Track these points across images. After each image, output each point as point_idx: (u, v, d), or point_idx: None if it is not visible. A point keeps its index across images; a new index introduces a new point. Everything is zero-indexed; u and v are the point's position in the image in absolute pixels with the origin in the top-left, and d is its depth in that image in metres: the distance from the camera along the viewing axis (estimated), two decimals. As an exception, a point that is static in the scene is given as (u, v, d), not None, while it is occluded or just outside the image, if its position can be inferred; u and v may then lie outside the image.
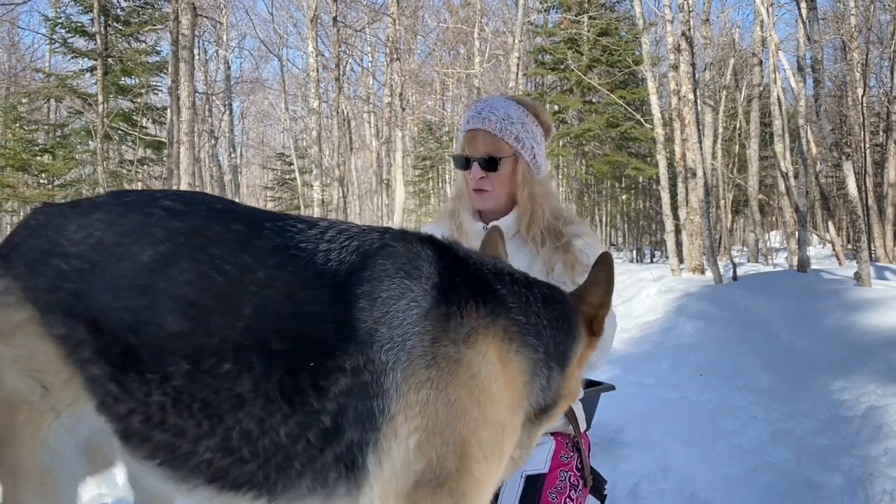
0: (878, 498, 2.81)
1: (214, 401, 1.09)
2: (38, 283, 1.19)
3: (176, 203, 1.21)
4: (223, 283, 1.12)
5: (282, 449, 1.08)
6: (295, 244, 1.16)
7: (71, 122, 18.03)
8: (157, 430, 1.13)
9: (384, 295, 1.11)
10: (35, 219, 1.28)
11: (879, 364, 4.39)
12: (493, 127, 1.81)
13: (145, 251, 1.16)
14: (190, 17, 11.63)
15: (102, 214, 1.23)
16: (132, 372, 1.13)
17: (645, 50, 13.45)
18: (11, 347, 1.18)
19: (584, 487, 1.83)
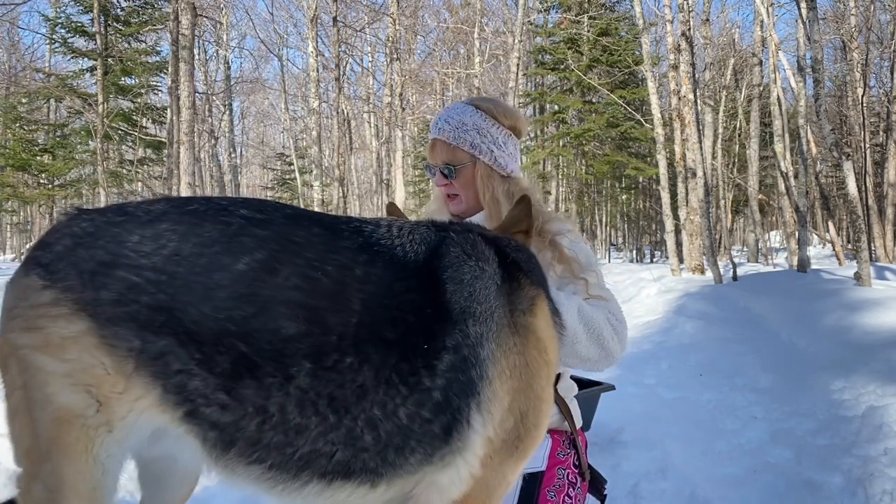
0: (877, 498, 2.81)
1: (340, 394, 1.14)
2: (99, 295, 1.15)
3: (252, 211, 1.22)
4: (329, 283, 1.17)
5: (401, 430, 1.17)
6: (375, 242, 1.25)
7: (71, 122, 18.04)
8: (272, 432, 1.14)
9: (466, 277, 1.25)
10: (78, 226, 1.22)
11: (879, 364, 4.39)
12: (447, 136, 1.88)
13: (240, 260, 1.16)
14: (190, 17, 11.63)
15: (171, 224, 1.19)
16: (247, 379, 1.12)
17: (645, 50, 13.45)
18: (64, 362, 1.15)
19: (582, 485, 1.83)
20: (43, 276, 1.19)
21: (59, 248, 1.21)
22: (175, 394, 1.15)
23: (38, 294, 1.18)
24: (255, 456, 1.15)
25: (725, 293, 8.33)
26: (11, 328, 1.19)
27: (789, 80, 14.80)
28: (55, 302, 1.17)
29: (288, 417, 1.13)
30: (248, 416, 1.14)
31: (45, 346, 1.16)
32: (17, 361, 1.18)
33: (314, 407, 1.13)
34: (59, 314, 1.16)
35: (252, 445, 1.15)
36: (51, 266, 1.20)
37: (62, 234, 1.23)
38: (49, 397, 1.16)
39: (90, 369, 1.15)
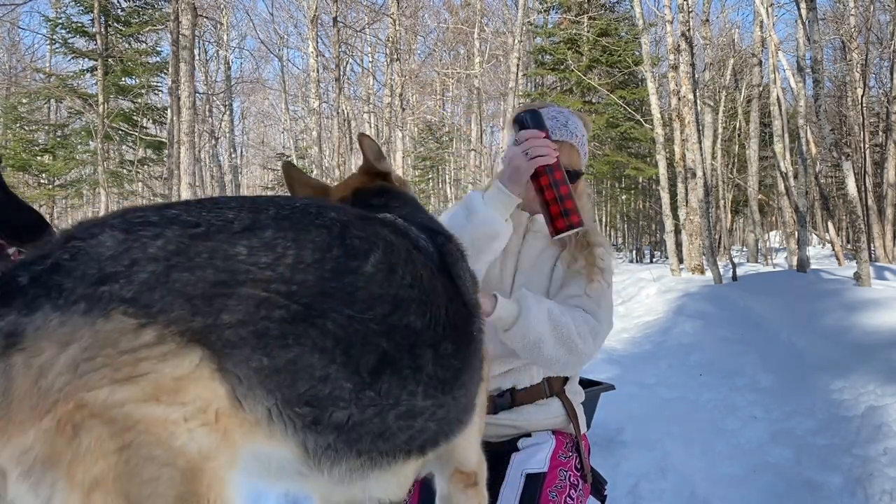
0: (877, 498, 2.82)
1: (448, 377, 1.27)
2: (217, 319, 1.02)
3: (340, 214, 1.23)
4: (426, 277, 1.28)
5: (468, 404, 1.34)
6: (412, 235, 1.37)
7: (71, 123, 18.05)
8: (400, 420, 1.21)
9: (462, 274, 1.40)
10: (150, 245, 1.04)
11: (879, 364, 4.40)
12: (577, 142, 1.94)
13: (366, 262, 1.17)
14: (190, 18, 11.64)
15: (276, 231, 1.11)
16: (384, 373, 1.16)
17: (645, 50, 13.47)
18: (185, 406, 1.00)
19: (583, 487, 1.84)
20: (134, 314, 0.99)
21: (144, 275, 1.01)
22: (303, 404, 1.08)
23: (132, 336, 0.99)
24: (369, 447, 1.18)
25: (725, 293, 8.34)
26: (92, 384, 0.97)
27: (789, 80, 14.81)
28: (160, 340, 0.99)
29: (412, 403, 1.21)
30: (384, 408, 1.18)
31: (158, 394, 0.99)
32: (107, 423, 0.97)
33: (434, 391, 1.24)
34: (166, 352, 0.99)
35: (375, 437, 1.18)
36: (141, 298, 1.00)
37: (132, 259, 1.02)
38: (178, 450, 0.99)
39: (210, 406, 1.02)
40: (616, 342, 6.63)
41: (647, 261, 22.50)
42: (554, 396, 1.91)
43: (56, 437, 0.95)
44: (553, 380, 1.92)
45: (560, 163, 1.68)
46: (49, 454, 0.95)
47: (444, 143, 28.60)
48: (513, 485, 1.76)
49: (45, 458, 0.95)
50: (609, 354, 5.93)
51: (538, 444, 1.85)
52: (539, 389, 1.89)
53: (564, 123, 1.95)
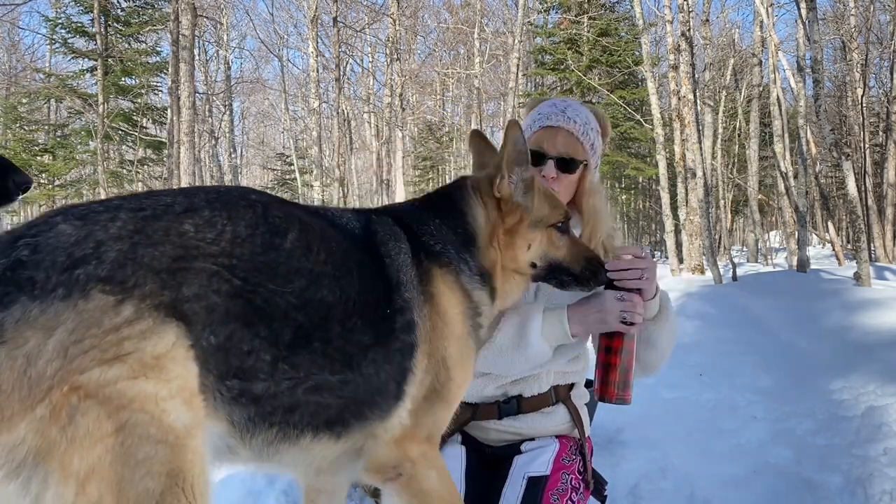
0: (877, 498, 2.82)
1: (356, 352, 1.26)
2: (181, 293, 1.06)
3: (260, 196, 1.30)
4: (339, 256, 1.30)
5: (379, 385, 1.30)
6: (336, 220, 1.40)
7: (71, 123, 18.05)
8: (308, 394, 1.21)
9: (392, 252, 1.40)
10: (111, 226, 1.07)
11: (879, 364, 4.40)
12: (577, 129, 1.83)
13: (286, 239, 1.22)
14: (190, 18, 11.64)
15: (212, 211, 1.17)
16: (303, 346, 1.19)
17: (645, 50, 13.46)
18: (169, 383, 1.02)
19: (585, 491, 1.83)
20: (111, 290, 1.01)
21: (113, 253, 1.04)
22: (232, 377, 1.12)
23: (111, 313, 1.00)
24: (281, 419, 1.19)
25: (725, 293, 8.34)
26: (84, 365, 0.97)
27: (789, 80, 14.81)
28: (138, 315, 1.02)
29: (322, 377, 1.22)
30: (300, 381, 1.19)
31: (144, 371, 1.01)
32: (103, 403, 0.98)
33: (340, 366, 1.24)
34: (146, 328, 1.02)
35: (286, 411, 1.19)
36: (116, 275, 1.03)
37: (97, 241, 1.05)
38: (169, 426, 1.01)
39: (188, 381, 1.05)
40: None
41: (647, 261, 22.44)
42: (559, 403, 1.89)
43: (50, 425, 0.94)
44: (560, 387, 1.89)
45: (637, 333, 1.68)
46: (41, 446, 0.94)
47: (444, 143, 28.59)
48: (514, 487, 1.75)
49: (37, 451, 0.93)
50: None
51: (541, 447, 1.84)
52: (546, 398, 1.86)
53: (563, 110, 1.87)
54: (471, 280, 1.51)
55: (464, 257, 1.51)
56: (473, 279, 1.51)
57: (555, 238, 1.62)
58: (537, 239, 1.60)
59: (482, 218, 1.58)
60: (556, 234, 1.62)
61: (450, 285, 1.46)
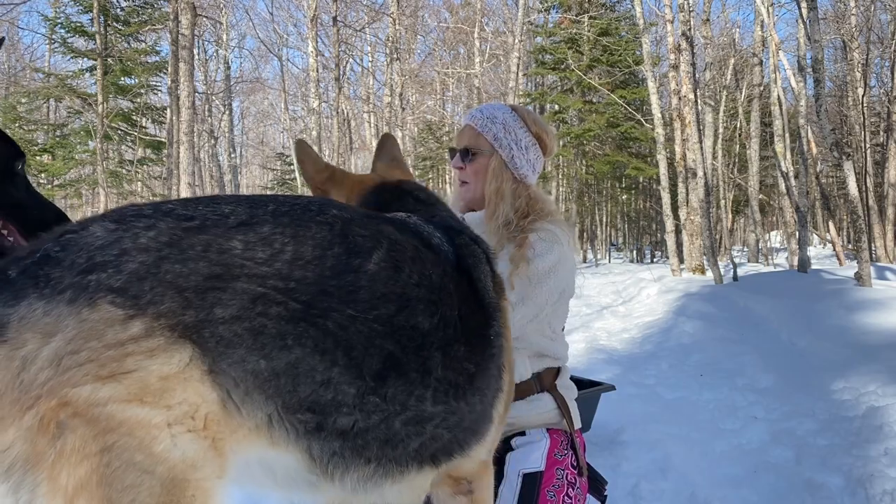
0: (878, 498, 2.81)
1: (460, 381, 1.19)
2: (210, 314, 0.97)
3: (342, 212, 1.17)
4: (435, 277, 1.21)
5: (485, 411, 1.26)
6: (422, 231, 1.31)
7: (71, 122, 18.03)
8: (409, 426, 1.14)
9: (481, 274, 1.33)
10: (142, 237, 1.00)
11: (879, 364, 4.39)
12: (475, 123, 1.96)
13: (368, 260, 1.10)
14: (190, 17, 11.63)
15: (273, 227, 1.06)
16: (388, 377, 1.09)
17: (645, 50, 13.45)
18: (170, 409, 0.95)
19: (581, 484, 1.83)
20: (122, 304, 0.94)
21: (134, 265, 0.97)
22: (305, 410, 1.03)
23: (119, 328, 0.94)
24: (378, 454, 1.11)
25: (726, 293, 8.33)
26: (76, 380, 0.92)
27: (790, 80, 14.80)
28: (147, 333, 0.94)
29: (421, 408, 1.13)
30: (390, 415, 1.10)
31: (142, 394, 0.94)
32: (91, 422, 0.93)
33: (444, 396, 1.16)
34: (154, 347, 0.94)
35: (382, 444, 1.11)
36: (130, 288, 0.95)
37: (122, 249, 0.98)
38: (159, 456, 0.94)
39: (199, 410, 0.96)
40: (616, 342, 6.62)
41: (648, 261, 22.49)
42: (545, 392, 1.89)
43: (39, 435, 0.91)
44: (543, 375, 1.90)
45: None
46: (30, 454, 0.91)
47: (444, 143, 28.59)
48: (510, 485, 1.75)
49: (26, 457, 0.91)
50: (609, 355, 5.92)
51: (532, 442, 1.84)
52: (529, 385, 1.87)
53: (480, 109, 2.02)
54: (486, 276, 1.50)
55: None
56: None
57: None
58: None
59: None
60: None
61: (505, 301, 1.42)
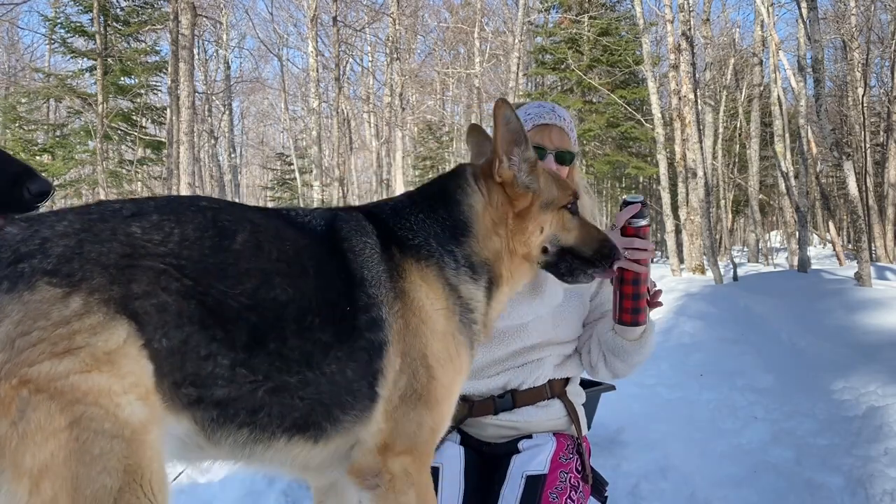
0: (878, 498, 2.81)
1: (314, 351, 1.22)
2: (131, 290, 1.06)
3: (210, 202, 1.28)
4: (292, 254, 1.27)
5: (346, 386, 1.25)
6: (295, 219, 1.37)
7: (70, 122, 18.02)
8: (267, 396, 1.18)
9: (357, 248, 1.35)
10: (58, 226, 1.09)
11: (880, 364, 4.39)
12: (566, 125, 2.00)
13: (235, 240, 1.20)
14: (190, 17, 11.63)
15: (161, 215, 1.17)
16: (259, 348, 1.16)
17: (645, 50, 13.45)
18: (122, 377, 1.01)
19: (584, 489, 1.83)
20: (58, 283, 1.01)
21: (59, 249, 1.04)
22: (188, 385, 1.11)
23: (59, 305, 0.99)
24: (247, 420, 1.18)
25: (726, 293, 8.33)
26: (32, 359, 0.96)
27: (790, 79, 14.80)
28: (87, 309, 1.01)
29: (281, 379, 1.19)
30: (258, 382, 1.17)
31: (97, 365, 0.99)
32: (55, 397, 0.95)
33: (297, 366, 1.20)
34: (96, 323, 1.01)
35: (251, 413, 1.17)
36: (62, 269, 1.02)
37: (43, 238, 1.05)
38: (125, 421, 0.99)
39: (142, 379, 1.03)
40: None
41: (648, 261, 22.45)
42: (555, 398, 1.91)
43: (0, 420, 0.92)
44: (555, 382, 1.91)
45: (649, 265, 1.77)
46: None
47: (444, 143, 28.58)
48: (513, 486, 1.75)
49: None
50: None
51: (539, 445, 1.85)
52: (541, 391, 1.88)
53: (552, 109, 2.03)
54: (457, 273, 1.43)
55: (449, 249, 1.44)
56: (461, 272, 1.44)
57: (566, 220, 1.55)
58: (548, 221, 1.53)
59: (479, 206, 1.51)
60: (567, 215, 1.55)
61: (428, 280, 1.39)
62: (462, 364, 1.42)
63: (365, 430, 1.29)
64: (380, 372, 1.28)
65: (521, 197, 1.51)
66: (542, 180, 1.55)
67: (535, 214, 1.52)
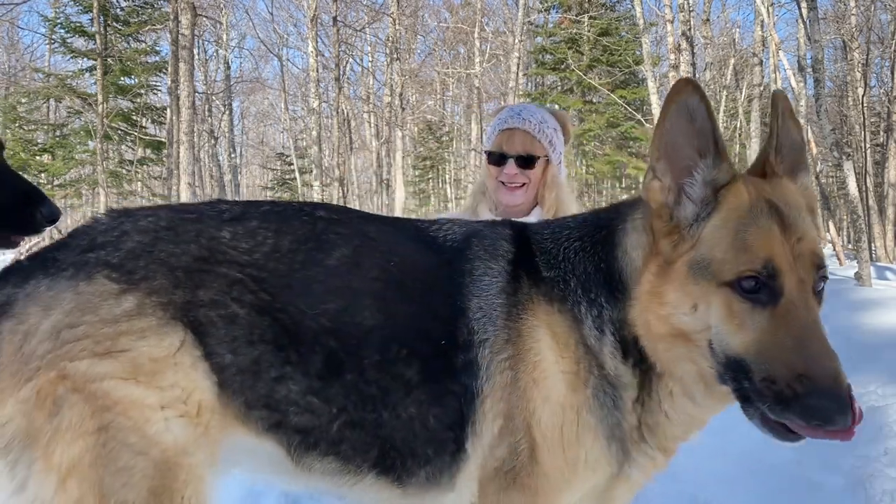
0: (878, 498, 2.80)
1: (392, 389, 1.06)
2: (196, 296, 0.99)
3: (329, 212, 1.17)
4: (396, 272, 1.10)
5: (430, 432, 1.06)
6: (424, 234, 1.18)
7: (70, 122, 18.03)
8: (348, 429, 1.05)
9: (477, 272, 1.11)
10: (142, 221, 1.05)
11: (880, 364, 4.38)
12: (531, 128, 1.94)
13: (331, 254, 1.08)
14: (190, 17, 11.62)
15: (261, 222, 1.09)
16: (334, 377, 1.03)
17: (645, 50, 13.45)
18: (163, 391, 0.94)
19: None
20: (117, 278, 0.97)
21: (132, 244, 1.00)
22: (263, 407, 1.02)
23: (111, 302, 0.95)
24: (330, 451, 1.07)
25: (725, 293, 8.30)
26: (74, 353, 0.93)
27: (790, 79, 14.79)
28: (140, 310, 0.95)
29: (357, 414, 1.06)
30: (333, 415, 1.05)
31: (135, 373, 0.93)
32: (87, 399, 0.92)
33: (372, 403, 1.06)
34: (145, 328, 0.95)
35: (332, 444, 1.06)
36: (126, 265, 0.98)
37: (125, 231, 1.02)
38: (152, 439, 0.92)
39: (191, 395, 0.95)
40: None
41: (648, 261, 22.45)
42: None
43: (36, 410, 0.91)
44: None
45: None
46: (28, 430, 0.91)
47: (444, 143, 28.57)
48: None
49: (24, 433, 0.91)
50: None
51: None
52: None
53: (519, 113, 1.98)
54: (599, 336, 1.05)
55: (593, 297, 1.07)
56: (604, 336, 1.05)
57: (737, 307, 0.95)
58: (705, 298, 0.97)
59: (641, 252, 1.06)
60: (736, 299, 0.95)
61: (556, 328, 1.06)
62: (585, 459, 1.05)
63: (452, 493, 1.08)
64: (471, 427, 1.04)
65: (666, 236, 1.02)
66: (715, 222, 0.98)
67: (680, 275, 0.99)
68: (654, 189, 1.01)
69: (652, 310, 1.00)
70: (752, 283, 0.95)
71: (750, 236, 0.95)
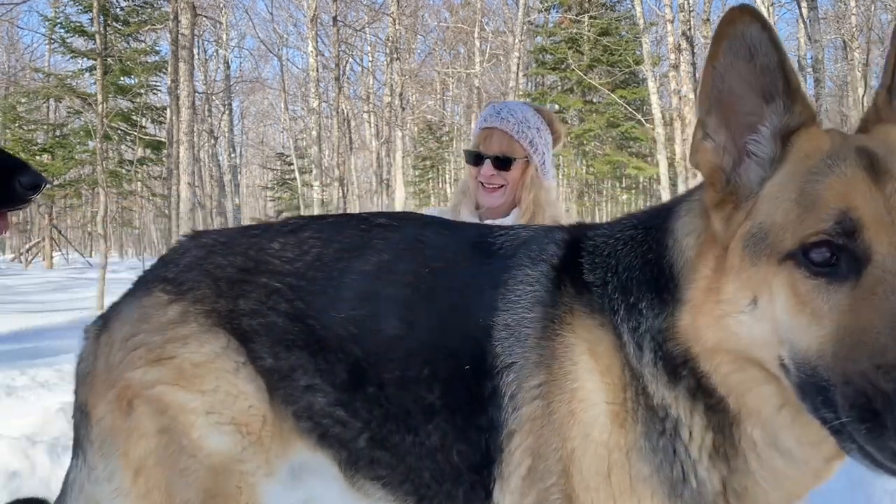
0: (878, 498, 2.80)
1: (414, 411, 0.94)
2: (237, 305, 1.01)
3: (389, 219, 1.11)
4: (429, 279, 0.99)
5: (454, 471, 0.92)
6: (483, 241, 1.05)
7: (70, 122, 18.04)
8: (377, 449, 0.98)
9: (513, 280, 0.94)
10: (207, 239, 1.12)
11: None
12: (509, 128, 1.89)
13: (369, 261, 1.03)
14: (189, 17, 11.62)
15: (314, 232, 1.10)
16: (357, 389, 0.98)
17: (645, 50, 13.45)
18: (204, 394, 0.96)
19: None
20: (168, 290, 1.03)
21: (188, 259, 1.07)
22: (306, 418, 1.01)
23: (162, 312, 1.02)
24: (372, 473, 1.01)
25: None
26: (134, 362, 1.00)
27: (790, 79, 14.79)
28: (183, 317, 1.00)
29: (380, 432, 0.98)
30: (361, 431, 1.00)
31: (179, 379, 0.97)
32: (148, 403, 0.97)
33: (395, 422, 0.96)
34: (188, 333, 0.98)
35: (370, 464, 1.01)
36: (178, 278, 1.05)
37: (188, 248, 1.10)
38: (198, 442, 0.94)
39: (235, 401, 0.96)
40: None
41: (648, 261, 22.45)
42: None
43: (117, 411, 1.01)
44: None
45: None
46: (112, 427, 1.01)
47: (444, 143, 28.57)
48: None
49: (111, 430, 1.01)
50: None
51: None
52: None
53: (498, 111, 1.94)
54: (638, 353, 0.81)
55: (633, 303, 0.83)
56: (645, 352, 0.80)
57: (803, 287, 0.68)
58: (765, 280, 0.71)
59: (695, 238, 0.82)
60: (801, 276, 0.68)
61: (598, 346, 0.83)
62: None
63: None
64: (497, 469, 0.87)
65: (717, 207, 0.78)
66: (778, 178, 0.74)
67: (736, 258, 0.74)
68: (706, 150, 0.77)
69: (705, 312, 0.75)
70: (822, 249, 0.66)
71: (822, 186, 0.68)
